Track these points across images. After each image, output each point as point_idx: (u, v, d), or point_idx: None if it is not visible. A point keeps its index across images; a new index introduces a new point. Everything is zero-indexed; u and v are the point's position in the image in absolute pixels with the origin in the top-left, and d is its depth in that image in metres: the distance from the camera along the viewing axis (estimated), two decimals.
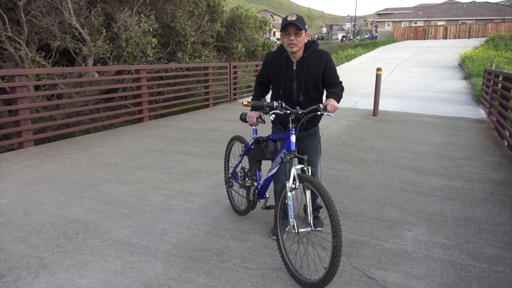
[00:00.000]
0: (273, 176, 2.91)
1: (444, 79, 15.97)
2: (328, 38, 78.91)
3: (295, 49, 2.73)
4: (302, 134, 2.95)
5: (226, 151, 3.64)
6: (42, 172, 4.71)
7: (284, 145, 2.70)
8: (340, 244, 2.24)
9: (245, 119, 3.03)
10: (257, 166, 3.13)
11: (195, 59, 12.41)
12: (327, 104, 2.59)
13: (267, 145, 2.92)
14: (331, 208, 2.27)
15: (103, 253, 2.83)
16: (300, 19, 2.66)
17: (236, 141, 3.48)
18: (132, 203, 3.77)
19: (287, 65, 2.85)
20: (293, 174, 2.49)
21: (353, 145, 6.15)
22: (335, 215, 2.26)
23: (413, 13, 50.70)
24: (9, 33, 8.63)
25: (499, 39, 29.21)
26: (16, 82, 5.74)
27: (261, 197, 3.09)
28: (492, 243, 3.03)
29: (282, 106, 2.60)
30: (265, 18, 17.91)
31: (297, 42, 2.69)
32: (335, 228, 2.25)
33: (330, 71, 2.83)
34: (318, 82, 2.83)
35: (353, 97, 11.69)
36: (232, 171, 3.47)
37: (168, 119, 8.60)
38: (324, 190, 2.32)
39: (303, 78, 2.82)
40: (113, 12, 10.49)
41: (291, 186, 2.48)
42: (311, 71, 2.81)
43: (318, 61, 2.80)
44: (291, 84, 2.86)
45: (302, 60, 2.81)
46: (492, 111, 8.21)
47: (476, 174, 4.73)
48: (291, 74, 2.84)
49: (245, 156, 3.31)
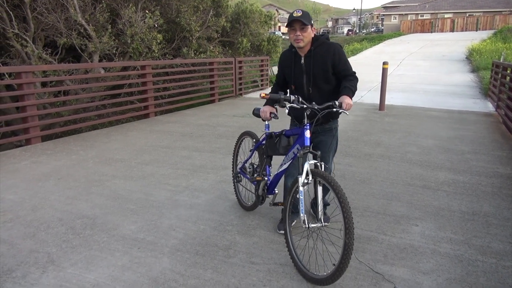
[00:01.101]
0: (284, 172, 2.91)
1: (451, 73, 15.82)
2: (333, 32, 78.40)
3: (301, 44, 2.76)
4: (317, 129, 2.96)
5: (235, 146, 3.63)
6: (49, 168, 4.75)
7: (298, 140, 2.71)
8: (352, 242, 2.23)
9: (258, 114, 3.03)
10: (268, 161, 3.14)
11: (200, 55, 12.39)
12: (342, 102, 2.57)
13: (280, 140, 2.91)
14: (345, 205, 2.25)
15: (110, 248, 2.86)
16: (305, 14, 2.68)
17: (247, 137, 3.47)
18: (138, 198, 3.79)
19: (296, 60, 2.88)
20: (306, 168, 2.48)
21: (359, 139, 6.12)
22: (349, 212, 2.25)
23: (419, 5, 50.14)
24: (16, 30, 8.67)
25: (507, 31, 28.81)
26: (23, 79, 5.77)
27: (270, 192, 3.10)
28: (500, 238, 3.01)
29: (298, 100, 2.60)
30: (270, 12, 17.81)
31: (303, 38, 2.73)
32: (348, 225, 2.23)
33: (340, 62, 2.81)
34: (327, 74, 2.83)
35: (359, 91, 11.62)
36: (241, 166, 3.47)
37: (173, 115, 8.62)
38: (338, 186, 2.32)
39: (311, 71, 2.83)
40: (118, 8, 10.49)
41: (304, 181, 2.48)
42: (319, 64, 2.81)
43: (325, 53, 2.80)
44: (301, 77, 2.88)
45: (309, 53, 2.83)
46: (500, 104, 8.12)
47: (484, 168, 4.69)
48: (300, 68, 2.87)
49: (255, 151, 3.30)
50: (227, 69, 11.51)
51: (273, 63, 15.98)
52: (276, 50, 16.22)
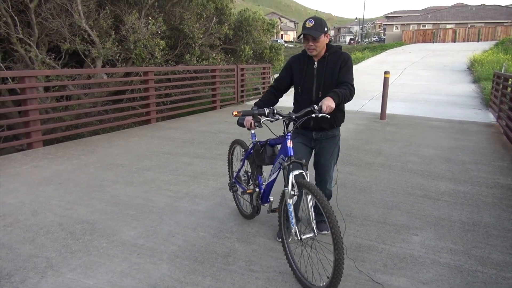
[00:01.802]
0: (274, 181, 2.90)
1: (453, 83, 15.85)
2: (336, 41, 78.78)
3: (314, 53, 2.86)
4: (321, 135, 2.96)
5: (228, 155, 3.63)
6: (50, 172, 4.75)
7: (281, 150, 2.69)
8: (342, 256, 2.16)
9: (242, 124, 2.96)
10: (258, 170, 3.10)
11: (203, 62, 12.45)
12: (322, 104, 2.52)
13: (264, 150, 2.90)
14: (331, 217, 2.18)
15: (109, 254, 2.85)
16: (317, 24, 2.73)
17: (237, 145, 3.47)
18: (138, 204, 3.79)
19: (309, 63, 2.93)
20: (291, 180, 2.46)
21: (360, 148, 6.12)
22: (335, 224, 2.17)
23: (422, 16, 50.42)
24: (20, 34, 8.73)
25: (508, 42, 28.93)
26: (26, 83, 5.81)
27: (265, 201, 3.06)
28: (500, 249, 3.00)
29: (274, 112, 2.58)
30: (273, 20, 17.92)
31: (315, 47, 2.80)
32: (336, 240, 2.15)
33: (343, 69, 2.85)
34: (335, 79, 2.87)
35: (360, 100, 11.65)
36: (235, 176, 3.45)
37: (175, 121, 8.64)
38: (322, 198, 2.25)
39: (323, 76, 2.87)
40: (122, 15, 10.57)
41: (291, 193, 2.45)
42: (330, 70, 2.86)
43: (336, 61, 2.86)
44: (311, 81, 2.91)
45: (323, 59, 2.89)
46: (501, 115, 8.12)
47: (485, 179, 4.69)
48: (312, 71, 2.90)
49: (246, 160, 3.29)
50: (229, 76, 11.55)
51: (275, 71, 16.04)
52: (278, 58, 16.29)
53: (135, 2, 11.28)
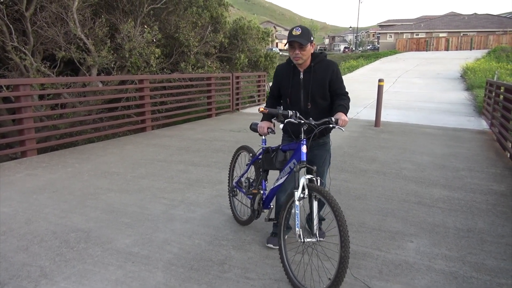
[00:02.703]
0: (279, 186, 2.93)
1: (446, 90, 16.01)
2: (330, 49, 79.36)
3: (300, 62, 2.82)
4: (312, 144, 2.98)
5: (232, 160, 3.64)
6: (44, 181, 4.73)
7: (294, 155, 2.73)
8: (348, 255, 2.24)
9: (256, 129, 3.05)
10: (264, 175, 3.15)
11: (198, 70, 12.49)
12: (339, 118, 2.62)
13: (276, 155, 2.93)
14: (341, 219, 2.27)
15: (104, 262, 2.83)
16: (304, 33, 2.71)
17: (243, 151, 3.49)
18: (133, 212, 3.78)
19: (294, 74, 2.92)
20: (302, 183, 2.50)
21: (355, 155, 6.15)
22: (344, 225, 2.26)
23: (415, 24, 50.99)
24: (15, 43, 8.73)
25: (500, 51, 29.33)
26: (21, 92, 5.79)
27: (266, 206, 3.10)
28: (494, 255, 3.01)
29: (296, 115, 2.65)
30: (268, 29, 18.06)
31: (301, 55, 2.77)
32: (343, 239, 2.25)
33: (337, 80, 2.87)
34: (325, 91, 2.88)
35: (355, 108, 11.72)
36: (237, 180, 3.48)
37: (170, 129, 8.63)
38: (334, 200, 2.33)
39: (310, 87, 2.87)
40: (117, 23, 10.61)
41: (300, 196, 2.49)
42: (317, 80, 2.86)
43: (324, 70, 2.86)
44: (298, 92, 2.91)
45: (309, 69, 2.87)
46: (494, 122, 8.21)
47: (479, 186, 4.72)
48: (298, 82, 2.91)
49: (251, 166, 3.32)
50: (225, 84, 11.59)
51: (270, 79, 16.08)
52: (273, 66, 16.40)
53: (130, 11, 11.34)
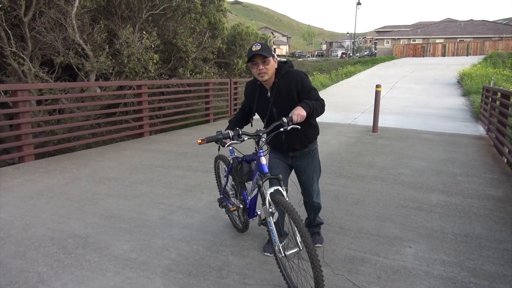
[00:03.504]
0: (256, 197, 2.82)
1: (443, 96, 16.08)
2: (328, 55, 79.72)
3: (266, 78, 2.69)
4: (296, 154, 2.93)
5: (214, 170, 3.64)
6: (42, 186, 4.71)
7: (256, 168, 2.67)
8: (321, 273, 2.15)
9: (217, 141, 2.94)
10: (242, 186, 3.06)
11: (196, 75, 12.53)
12: (293, 113, 2.51)
13: (241, 167, 2.85)
14: (304, 235, 2.16)
15: (102, 268, 2.82)
16: (264, 47, 2.61)
17: (220, 161, 3.45)
18: (131, 218, 3.77)
19: (261, 93, 2.84)
20: (268, 199, 2.43)
21: (352, 161, 6.16)
22: (308, 242, 2.15)
23: (411, 30, 51.35)
24: (14, 48, 8.74)
25: (496, 56, 29.53)
26: (19, 97, 5.79)
27: (252, 216, 2.99)
28: (492, 260, 3.02)
29: (239, 134, 2.56)
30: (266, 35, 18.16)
31: (266, 70, 2.66)
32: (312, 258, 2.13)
33: (304, 91, 2.72)
34: (294, 103, 2.68)
35: (352, 114, 11.76)
36: (222, 192, 3.42)
37: (168, 134, 8.63)
38: (295, 215, 2.23)
39: (279, 102, 2.77)
40: (116, 29, 10.65)
41: (269, 211, 2.43)
42: (284, 95, 2.74)
43: (289, 84, 2.73)
44: (270, 110, 2.82)
45: (273, 85, 2.77)
46: (491, 127, 8.25)
47: (476, 191, 4.74)
48: (267, 101, 2.81)
49: (229, 176, 3.27)
50: (223, 90, 11.63)
51: None
52: None
53: (129, 17, 11.39)
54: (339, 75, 26.27)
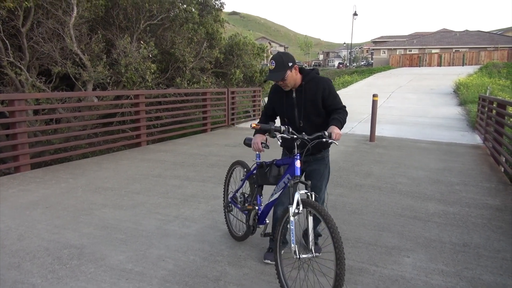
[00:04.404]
0: (274, 201, 2.92)
1: (439, 106, 16.17)
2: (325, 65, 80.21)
3: (288, 88, 2.89)
4: (309, 159, 3.00)
5: (226, 175, 3.63)
6: (38, 196, 4.68)
7: (288, 170, 2.73)
8: (343, 272, 2.22)
9: (249, 144, 3.07)
10: (259, 191, 3.14)
11: (194, 85, 12.55)
12: (331, 132, 2.63)
13: (270, 170, 2.93)
14: (336, 235, 2.25)
15: (97, 279, 2.79)
16: (279, 65, 2.74)
17: (238, 166, 3.48)
18: (128, 228, 3.74)
19: (288, 93, 2.95)
20: (297, 199, 2.48)
21: (350, 170, 6.16)
22: (339, 242, 2.24)
23: (408, 41, 51.83)
24: (11, 58, 8.74)
25: (492, 66, 29.80)
26: (16, 107, 5.78)
27: (261, 222, 3.08)
28: (491, 270, 3.01)
29: (289, 130, 2.66)
30: (263, 45, 18.26)
31: (287, 83, 2.83)
32: (339, 255, 2.22)
33: (330, 96, 2.87)
34: (318, 108, 2.88)
35: (350, 123, 11.79)
36: (232, 196, 3.46)
37: (165, 144, 8.62)
38: (329, 216, 2.32)
39: (303, 105, 2.90)
40: (114, 39, 10.68)
41: (294, 211, 2.47)
42: (309, 98, 2.88)
43: (315, 89, 2.87)
44: (292, 111, 2.94)
45: (300, 88, 2.90)
46: (488, 137, 8.28)
47: (473, 200, 4.73)
48: (292, 101, 2.93)
49: (246, 181, 3.31)
50: (220, 99, 11.65)
51: (265, 94, 16.21)
52: (268, 82, 16.50)
53: (127, 27, 11.44)
54: (336, 84, 26.40)
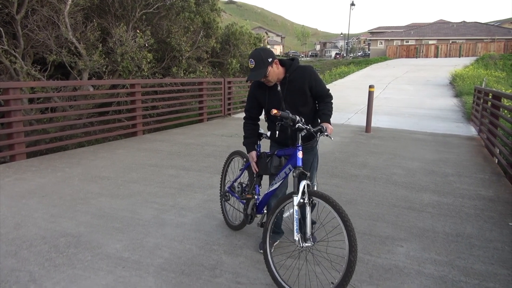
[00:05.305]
0: (274, 191, 2.93)
1: (435, 97, 16.21)
2: (321, 55, 79.90)
3: (271, 84, 2.85)
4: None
5: (224, 165, 3.65)
6: (34, 185, 4.68)
7: (290, 160, 2.75)
8: (355, 259, 2.25)
9: None
10: (258, 181, 3.15)
11: (190, 74, 12.50)
12: (327, 128, 2.68)
13: (271, 160, 2.93)
14: (347, 222, 2.29)
15: (94, 267, 2.81)
16: (258, 63, 2.71)
17: (237, 156, 3.49)
18: (124, 217, 3.75)
19: (272, 87, 2.90)
20: (302, 188, 2.50)
21: (345, 161, 6.19)
22: (351, 228, 2.28)
23: (405, 32, 51.65)
24: (5, 46, 8.65)
25: (488, 58, 29.85)
26: (10, 95, 5.74)
27: (259, 211, 3.10)
28: (483, 259, 3.06)
29: (302, 121, 2.64)
30: (260, 35, 18.17)
31: (269, 80, 2.79)
32: (352, 243, 2.26)
33: (317, 84, 2.87)
34: (306, 96, 2.86)
35: (346, 114, 11.81)
36: (230, 185, 3.47)
37: (162, 133, 8.61)
38: (338, 204, 2.37)
39: (289, 97, 2.86)
40: (109, 27, 10.59)
41: (300, 201, 2.49)
42: (297, 88, 2.84)
43: (302, 78, 2.83)
44: (279, 104, 2.88)
45: (284, 80, 2.85)
46: (483, 128, 8.33)
47: (467, 191, 4.79)
48: (277, 94, 2.88)
49: (245, 170, 3.32)
50: (216, 89, 11.61)
51: None
52: None
53: (122, 15, 11.33)
54: (333, 75, 26.37)
